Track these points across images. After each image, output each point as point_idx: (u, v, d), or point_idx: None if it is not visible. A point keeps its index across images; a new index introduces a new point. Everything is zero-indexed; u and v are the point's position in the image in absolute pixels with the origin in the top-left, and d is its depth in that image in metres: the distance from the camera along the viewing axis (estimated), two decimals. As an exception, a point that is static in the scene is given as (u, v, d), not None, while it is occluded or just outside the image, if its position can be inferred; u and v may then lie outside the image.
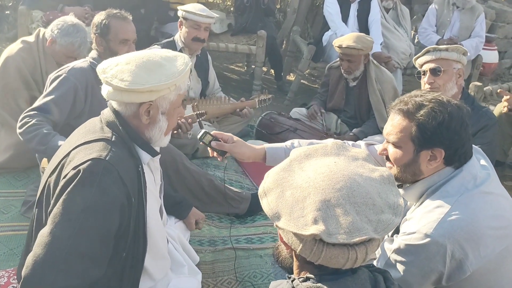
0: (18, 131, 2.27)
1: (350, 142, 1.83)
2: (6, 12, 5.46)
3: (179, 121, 2.36)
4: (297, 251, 1.02)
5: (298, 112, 3.86)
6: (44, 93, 2.42)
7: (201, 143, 1.83)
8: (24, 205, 2.59)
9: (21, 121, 2.29)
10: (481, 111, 2.68)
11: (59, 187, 1.40)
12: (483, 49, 5.07)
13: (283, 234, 1.06)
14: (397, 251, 1.43)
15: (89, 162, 1.39)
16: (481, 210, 1.40)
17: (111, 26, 2.49)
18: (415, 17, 6.25)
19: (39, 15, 4.12)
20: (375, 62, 3.67)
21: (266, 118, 3.75)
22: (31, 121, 2.26)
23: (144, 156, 1.56)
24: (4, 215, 2.56)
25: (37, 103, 2.37)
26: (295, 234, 1.01)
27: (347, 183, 1.02)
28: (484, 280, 1.42)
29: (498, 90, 3.78)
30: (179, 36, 3.42)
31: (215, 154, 1.83)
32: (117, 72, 1.44)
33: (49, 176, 1.50)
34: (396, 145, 1.51)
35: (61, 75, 2.42)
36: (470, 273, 1.38)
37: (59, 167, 1.47)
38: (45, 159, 2.24)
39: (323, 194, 1.00)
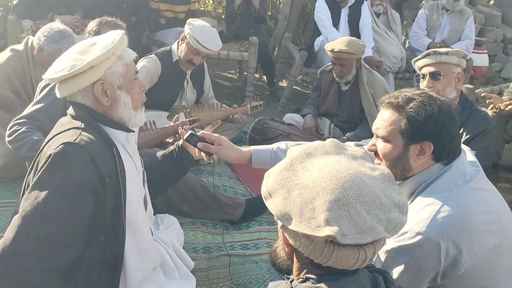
0: (7, 139, 2.23)
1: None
2: (-4, 22, 5.42)
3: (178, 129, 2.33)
4: (306, 253, 0.98)
5: (290, 118, 3.83)
6: (34, 101, 2.39)
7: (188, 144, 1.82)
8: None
9: (10, 129, 2.25)
10: (479, 115, 2.61)
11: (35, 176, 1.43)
12: (474, 52, 5.11)
13: (290, 236, 1.01)
14: (391, 253, 1.41)
15: (60, 146, 1.41)
16: (471, 205, 1.40)
17: (101, 33, 2.46)
18: (405, 22, 6.30)
19: (29, 25, 4.09)
20: (366, 66, 3.67)
21: (259, 123, 3.72)
22: (21, 129, 2.23)
23: (119, 135, 1.57)
24: (-6, 225, 2.51)
25: (26, 111, 2.34)
26: (307, 236, 0.95)
27: (354, 182, 0.99)
28: (477, 277, 1.41)
29: (482, 94, 3.76)
30: (177, 47, 3.30)
31: (202, 154, 1.82)
32: (57, 66, 1.48)
33: (27, 175, 1.52)
34: (385, 139, 1.50)
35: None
36: (464, 269, 1.37)
37: (35, 164, 1.48)
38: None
39: (332, 194, 0.96)
